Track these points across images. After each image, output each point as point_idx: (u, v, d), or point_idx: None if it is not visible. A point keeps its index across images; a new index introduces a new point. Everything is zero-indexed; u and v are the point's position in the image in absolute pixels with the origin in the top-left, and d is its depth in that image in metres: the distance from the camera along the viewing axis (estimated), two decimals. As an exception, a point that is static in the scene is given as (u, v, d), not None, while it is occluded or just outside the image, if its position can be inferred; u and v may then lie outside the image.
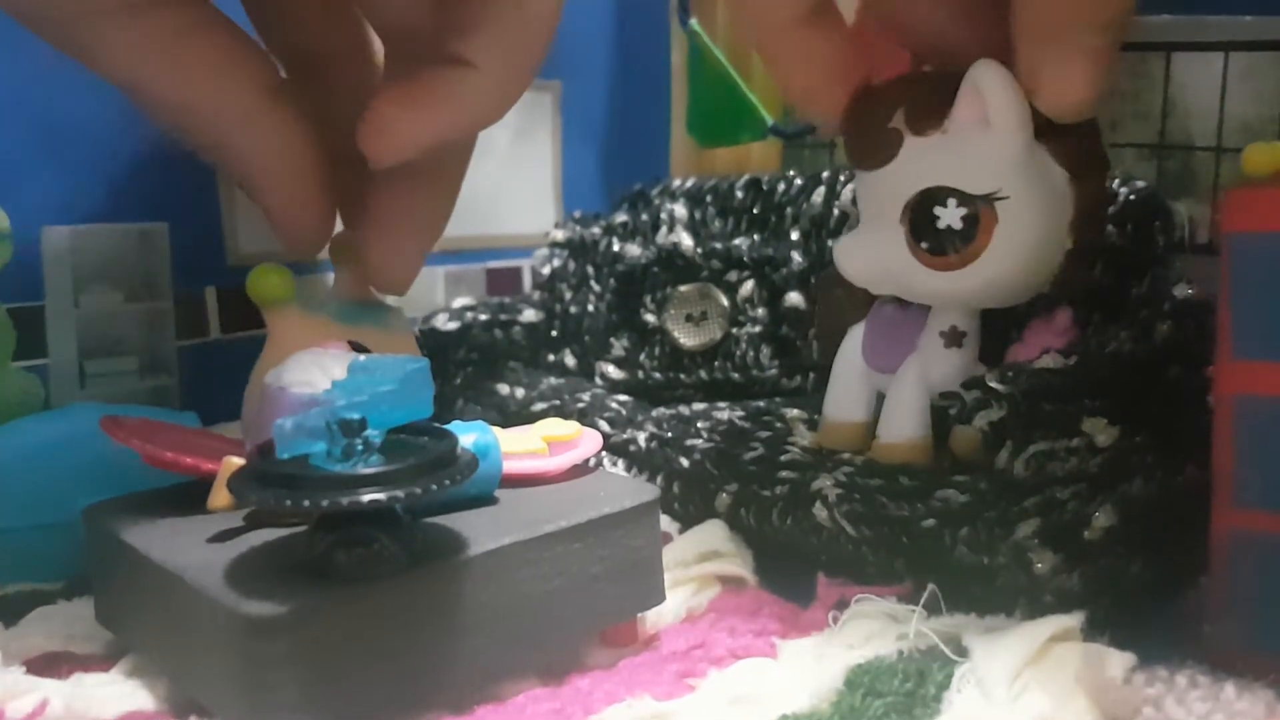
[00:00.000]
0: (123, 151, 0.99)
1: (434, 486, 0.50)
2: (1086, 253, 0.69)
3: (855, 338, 0.78)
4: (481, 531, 0.57)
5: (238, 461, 0.57)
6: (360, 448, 0.51)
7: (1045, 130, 0.67)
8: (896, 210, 0.70)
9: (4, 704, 0.55)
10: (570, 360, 1.09)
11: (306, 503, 0.47)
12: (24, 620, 0.66)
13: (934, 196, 0.69)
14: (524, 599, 0.57)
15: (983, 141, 0.67)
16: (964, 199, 0.68)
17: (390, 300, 0.86)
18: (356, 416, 0.50)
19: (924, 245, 0.70)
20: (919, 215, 0.69)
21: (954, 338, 0.71)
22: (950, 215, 0.68)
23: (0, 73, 0.92)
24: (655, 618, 0.65)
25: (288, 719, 0.49)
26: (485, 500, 0.62)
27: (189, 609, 0.52)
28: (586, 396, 0.96)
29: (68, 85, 0.96)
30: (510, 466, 0.64)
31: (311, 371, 0.65)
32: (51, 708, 0.55)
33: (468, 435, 0.60)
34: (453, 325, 1.07)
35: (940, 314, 0.72)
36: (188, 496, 0.62)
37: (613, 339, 1.02)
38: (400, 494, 0.48)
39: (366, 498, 0.48)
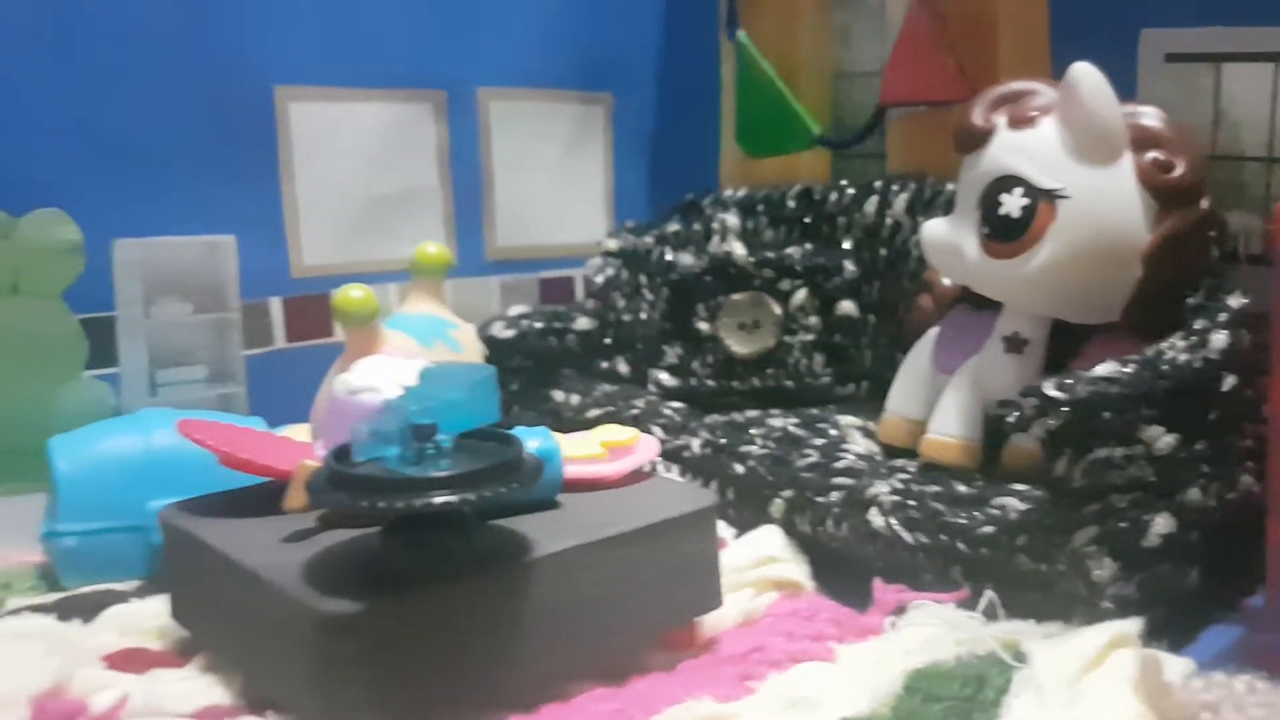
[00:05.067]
0: (191, 167, 1.02)
1: (502, 490, 0.51)
2: (1159, 286, 0.70)
3: (928, 339, 0.81)
4: (544, 535, 0.58)
5: (313, 464, 0.59)
6: (431, 452, 0.52)
7: (1142, 152, 0.70)
8: (977, 194, 0.74)
9: (88, 697, 0.57)
10: (623, 368, 1.10)
11: (381, 504, 0.49)
12: (100, 618, 0.69)
13: (1004, 184, 0.72)
14: (585, 601, 0.58)
15: (1062, 138, 0.70)
16: (1029, 190, 0.70)
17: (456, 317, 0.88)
18: (428, 422, 0.52)
19: (985, 230, 0.72)
20: (988, 201, 0.72)
21: (1015, 344, 0.72)
22: (1012, 203, 0.71)
23: (73, 93, 0.96)
24: (713, 621, 0.66)
25: (360, 715, 0.50)
26: (547, 504, 0.63)
27: (265, 606, 0.53)
28: (640, 403, 0.98)
29: (138, 104, 0.99)
30: (570, 471, 0.65)
31: (378, 378, 0.67)
32: (132, 702, 0.57)
33: (531, 440, 0.62)
34: (509, 333, 1.09)
35: (1007, 319, 0.74)
36: (260, 498, 0.64)
37: (665, 347, 1.04)
38: (471, 496, 0.50)
39: (438, 500, 0.49)
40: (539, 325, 1.11)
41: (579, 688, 0.58)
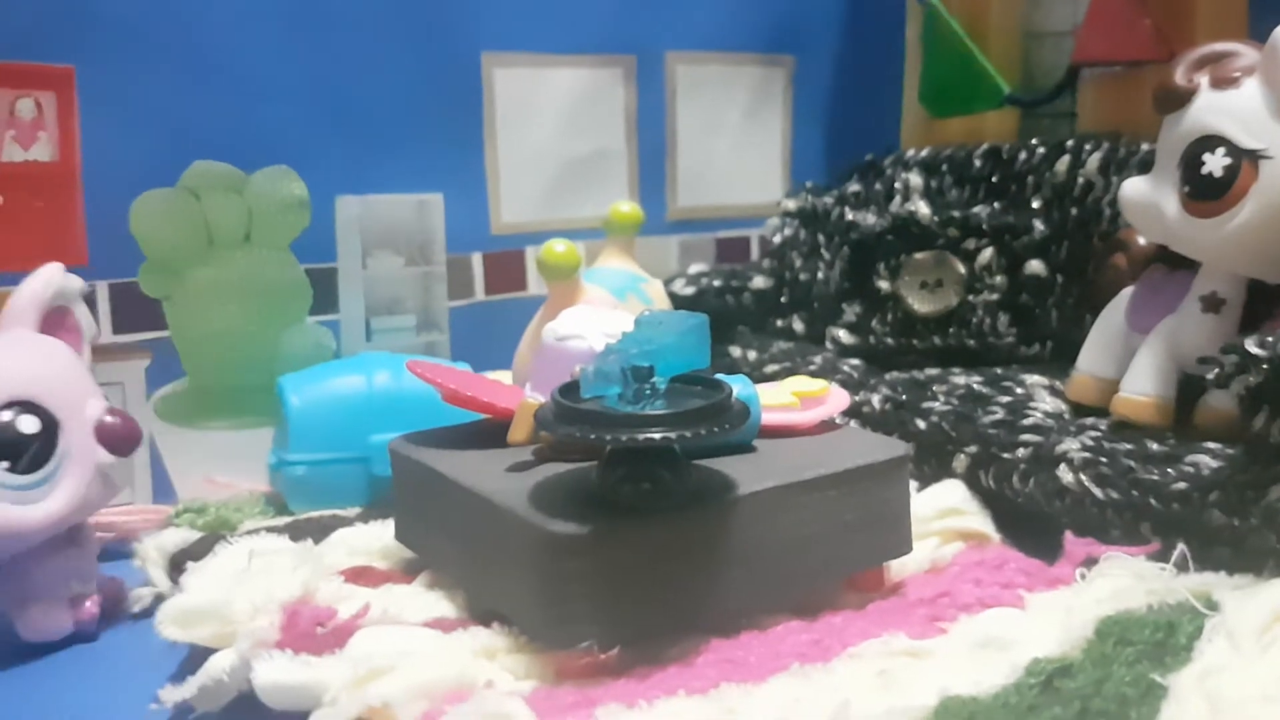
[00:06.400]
0: (406, 129, 1.10)
1: (715, 429, 0.54)
2: None
3: (1123, 298, 0.81)
4: (746, 475, 0.61)
5: (533, 402, 0.64)
6: (648, 392, 0.56)
7: None
8: (1178, 154, 0.74)
9: (336, 605, 0.63)
10: (798, 325, 1.12)
11: (608, 436, 0.53)
12: (329, 539, 0.75)
13: (1206, 143, 0.72)
14: (783, 539, 0.61)
15: (1265, 99, 0.70)
16: (1231, 150, 0.70)
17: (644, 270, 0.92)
18: (646, 364, 0.56)
19: (1186, 189, 0.72)
20: (1190, 160, 0.72)
21: (1212, 303, 0.72)
22: (1214, 163, 0.71)
23: (298, 60, 1.04)
24: (899, 567, 0.68)
25: (582, 629, 0.55)
26: (745, 448, 0.67)
27: (496, 528, 0.58)
28: (818, 359, 1.00)
29: (355, 69, 1.07)
30: (766, 418, 0.68)
31: (583, 326, 0.72)
32: (372, 611, 0.63)
33: (732, 386, 0.65)
34: (689, 290, 1.13)
35: (1204, 279, 0.74)
36: (476, 433, 0.69)
37: (844, 305, 1.05)
38: (687, 434, 0.53)
39: (658, 435, 0.53)
40: (717, 283, 1.14)
41: (775, 620, 0.62)
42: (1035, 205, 1.02)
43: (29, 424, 0.67)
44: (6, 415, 0.67)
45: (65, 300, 0.75)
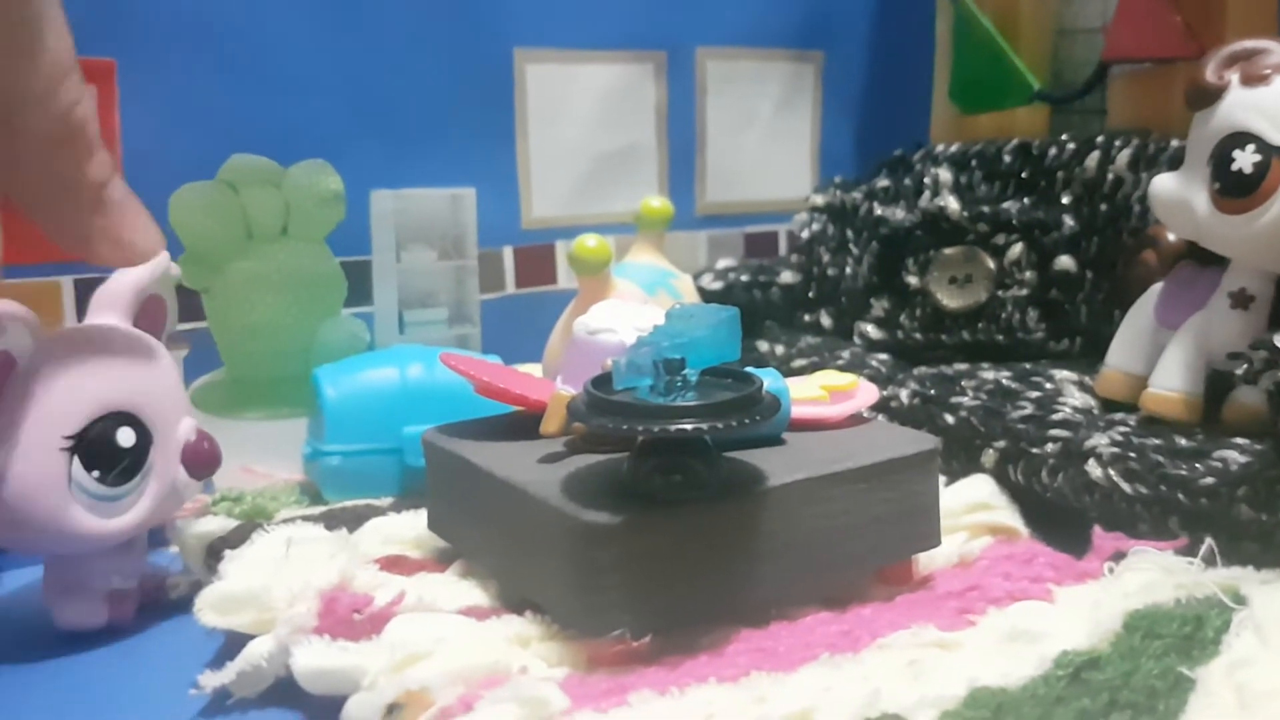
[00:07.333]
0: (439, 124, 1.11)
1: (746, 421, 0.55)
2: None
3: (1152, 294, 0.81)
4: (776, 468, 0.62)
5: (565, 395, 0.65)
6: (679, 384, 0.57)
7: None
8: (1208, 151, 0.74)
9: (372, 592, 0.64)
10: (826, 320, 1.13)
11: (640, 428, 0.54)
12: (363, 528, 0.76)
13: (1237, 140, 0.72)
14: (812, 531, 0.62)
15: None
16: (1262, 146, 0.70)
17: (672, 265, 0.93)
18: (678, 357, 0.56)
19: (1216, 186, 0.73)
20: (1220, 157, 0.73)
21: (1241, 300, 0.73)
22: (1244, 159, 0.71)
23: (335, 56, 1.06)
24: (928, 560, 0.69)
25: (615, 617, 0.55)
26: (774, 440, 0.67)
27: (530, 518, 0.59)
28: (845, 354, 1.01)
29: (391, 65, 1.08)
30: (795, 412, 0.69)
31: (614, 320, 0.72)
32: (407, 599, 0.64)
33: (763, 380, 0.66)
34: (717, 285, 1.13)
35: (1234, 275, 0.74)
36: (508, 424, 0.70)
37: (872, 300, 1.06)
38: (719, 425, 0.54)
39: (689, 427, 0.54)
40: (745, 278, 1.15)
41: (804, 611, 0.62)
42: (1065, 201, 1.02)
43: (126, 437, 0.66)
44: (106, 424, 0.65)
45: (160, 288, 0.74)
